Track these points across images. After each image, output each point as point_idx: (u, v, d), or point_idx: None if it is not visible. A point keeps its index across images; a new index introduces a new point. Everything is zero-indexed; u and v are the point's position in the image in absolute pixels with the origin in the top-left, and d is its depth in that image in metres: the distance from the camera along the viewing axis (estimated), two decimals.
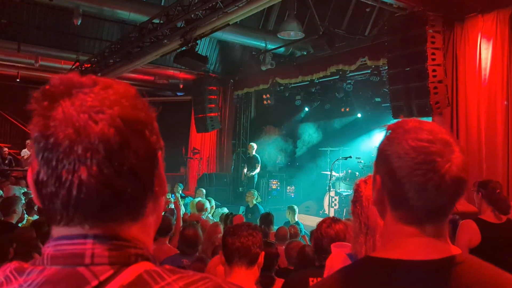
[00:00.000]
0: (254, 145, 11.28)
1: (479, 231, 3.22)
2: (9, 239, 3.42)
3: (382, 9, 7.61)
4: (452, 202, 0.91)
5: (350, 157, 9.58)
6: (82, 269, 0.61)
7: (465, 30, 6.40)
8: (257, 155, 11.19)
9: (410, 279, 0.87)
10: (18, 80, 11.60)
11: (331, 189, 9.66)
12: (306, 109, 12.97)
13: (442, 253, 0.90)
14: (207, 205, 7.19)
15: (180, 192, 10.89)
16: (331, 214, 9.10)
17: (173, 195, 8.56)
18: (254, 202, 8.44)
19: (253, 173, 11.00)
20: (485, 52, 6.17)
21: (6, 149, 11.80)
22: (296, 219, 7.07)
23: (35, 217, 5.44)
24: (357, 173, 10.14)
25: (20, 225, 4.77)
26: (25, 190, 7.29)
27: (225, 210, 7.70)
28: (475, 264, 0.92)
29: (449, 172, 0.86)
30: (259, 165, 11.15)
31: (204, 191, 9.81)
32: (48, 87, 0.65)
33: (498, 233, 3.27)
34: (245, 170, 11.26)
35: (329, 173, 10.05)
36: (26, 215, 5.35)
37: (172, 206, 6.68)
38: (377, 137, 12.00)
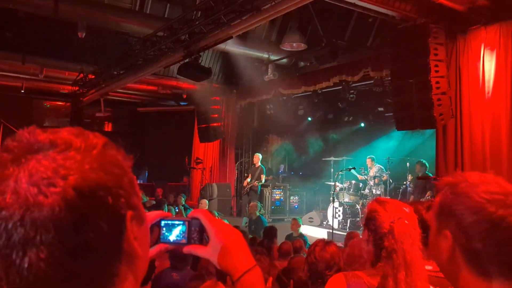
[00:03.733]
0: (259, 156, 11.26)
1: None
2: None
3: (385, 19, 7.63)
4: None
5: (354, 168, 9.56)
6: None
7: (468, 42, 6.41)
8: (262, 165, 11.18)
9: None
10: (22, 91, 11.67)
11: (335, 200, 9.63)
12: (309, 118, 12.99)
13: None
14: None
15: (183, 202, 10.90)
16: (335, 225, 9.07)
17: (176, 208, 8.53)
18: (257, 214, 8.42)
19: (259, 184, 10.94)
20: (488, 64, 6.16)
21: None
22: (300, 231, 7.05)
23: None
24: (360, 184, 10.12)
25: None
26: None
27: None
28: None
29: None
30: (264, 176, 11.11)
31: (207, 202, 9.80)
32: (0, 152, 0.58)
33: None
34: (248, 180, 11.24)
35: (332, 183, 10.02)
36: None
37: None
38: (379, 147, 12.02)
